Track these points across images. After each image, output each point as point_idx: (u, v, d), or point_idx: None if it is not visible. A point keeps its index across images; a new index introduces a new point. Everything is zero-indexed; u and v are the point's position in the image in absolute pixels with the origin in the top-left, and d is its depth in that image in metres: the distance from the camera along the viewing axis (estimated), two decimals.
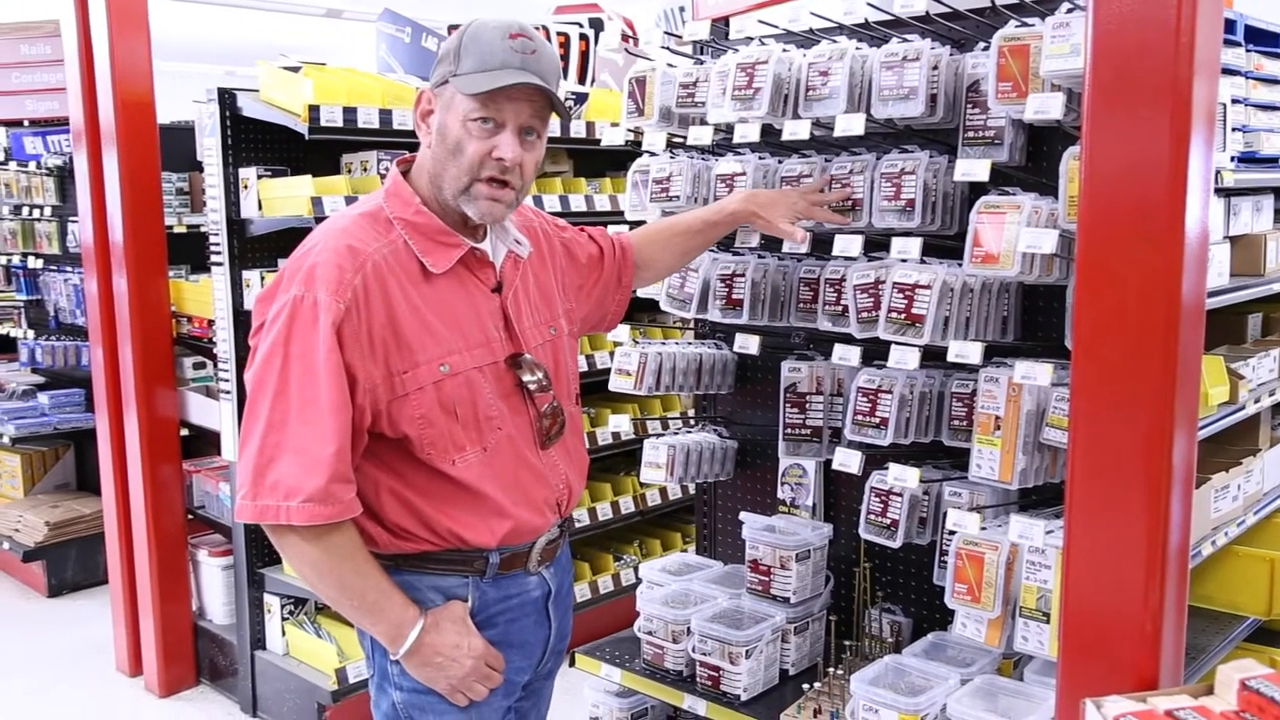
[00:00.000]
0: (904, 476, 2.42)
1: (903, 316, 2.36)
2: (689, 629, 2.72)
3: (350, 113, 3.63)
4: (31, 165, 5.55)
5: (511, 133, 1.84)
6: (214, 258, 3.87)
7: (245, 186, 3.78)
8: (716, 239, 2.58)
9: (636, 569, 4.58)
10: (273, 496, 1.74)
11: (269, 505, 1.75)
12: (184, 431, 4.41)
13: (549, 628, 2.09)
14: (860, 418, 2.49)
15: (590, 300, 2.31)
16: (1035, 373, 2.20)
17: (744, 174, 2.71)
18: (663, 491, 4.74)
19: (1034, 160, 2.48)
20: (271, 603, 3.96)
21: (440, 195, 1.90)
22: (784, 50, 2.58)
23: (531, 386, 1.96)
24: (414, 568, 1.92)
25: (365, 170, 3.91)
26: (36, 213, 5.56)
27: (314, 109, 3.53)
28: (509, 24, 1.85)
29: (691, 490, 4.51)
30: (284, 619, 3.95)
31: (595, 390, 4.46)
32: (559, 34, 4.90)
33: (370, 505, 1.87)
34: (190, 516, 4.40)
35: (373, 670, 2.02)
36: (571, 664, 2.96)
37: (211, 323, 4.05)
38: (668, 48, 2.97)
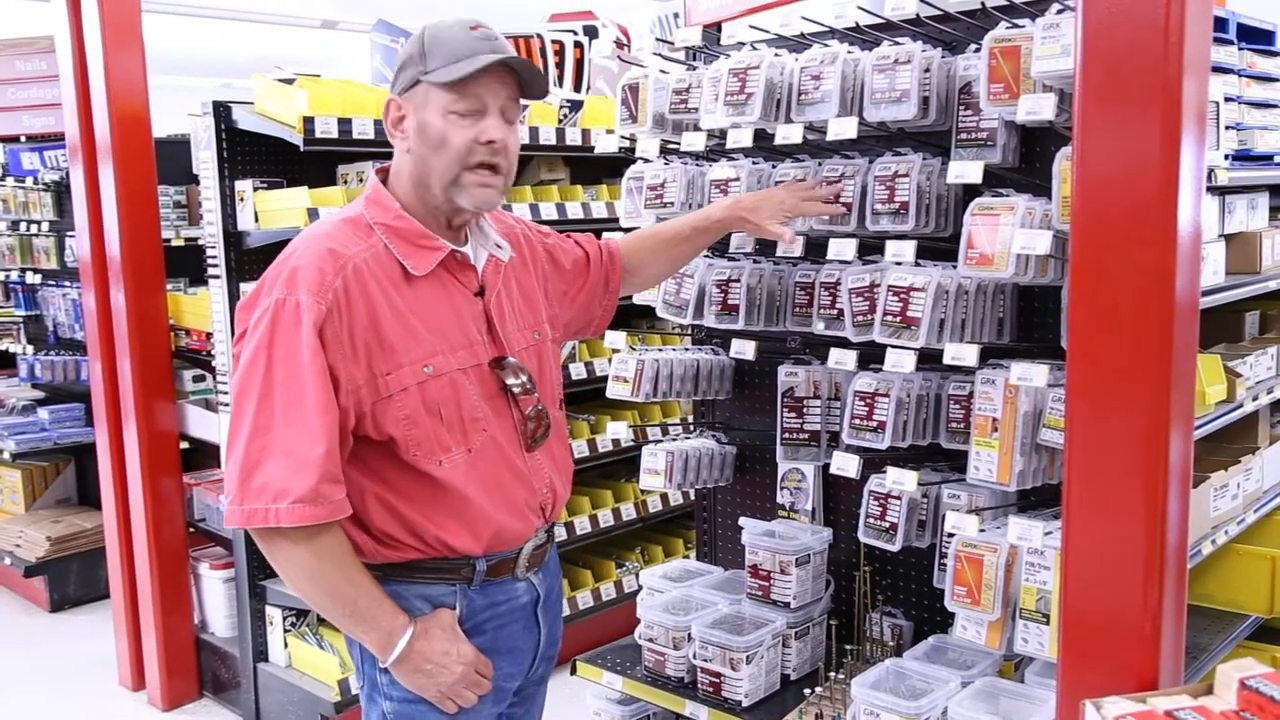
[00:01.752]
0: (902, 480, 2.41)
1: (898, 319, 2.36)
2: (690, 635, 2.71)
3: (345, 124, 3.64)
4: (28, 180, 5.55)
5: (495, 115, 1.88)
6: (211, 270, 3.87)
7: (241, 199, 3.78)
8: (705, 246, 2.58)
9: (639, 575, 4.58)
10: (261, 499, 1.74)
11: (257, 508, 1.75)
12: (184, 444, 4.41)
13: (538, 633, 2.09)
14: (858, 421, 2.49)
15: (575, 305, 2.31)
16: (1031, 374, 2.20)
17: (738, 179, 2.71)
18: (664, 498, 4.74)
19: (1027, 161, 2.48)
20: (273, 614, 3.95)
21: (427, 195, 1.91)
22: (776, 55, 2.59)
23: (515, 389, 1.96)
24: (401, 577, 1.92)
25: (361, 181, 3.91)
26: (34, 228, 5.57)
27: (309, 120, 3.54)
28: (465, 20, 1.88)
29: (691, 496, 4.52)
30: (286, 631, 3.95)
31: (594, 397, 4.46)
32: (554, 41, 4.91)
33: (357, 512, 1.87)
34: (191, 529, 4.40)
35: (362, 681, 2.02)
36: (573, 672, 2.95)
37: (210, 335, 4.05)
38: (660, 54, 2.97)
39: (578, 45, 5.01)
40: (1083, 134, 1.85)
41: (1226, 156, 2.70)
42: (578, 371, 4.34)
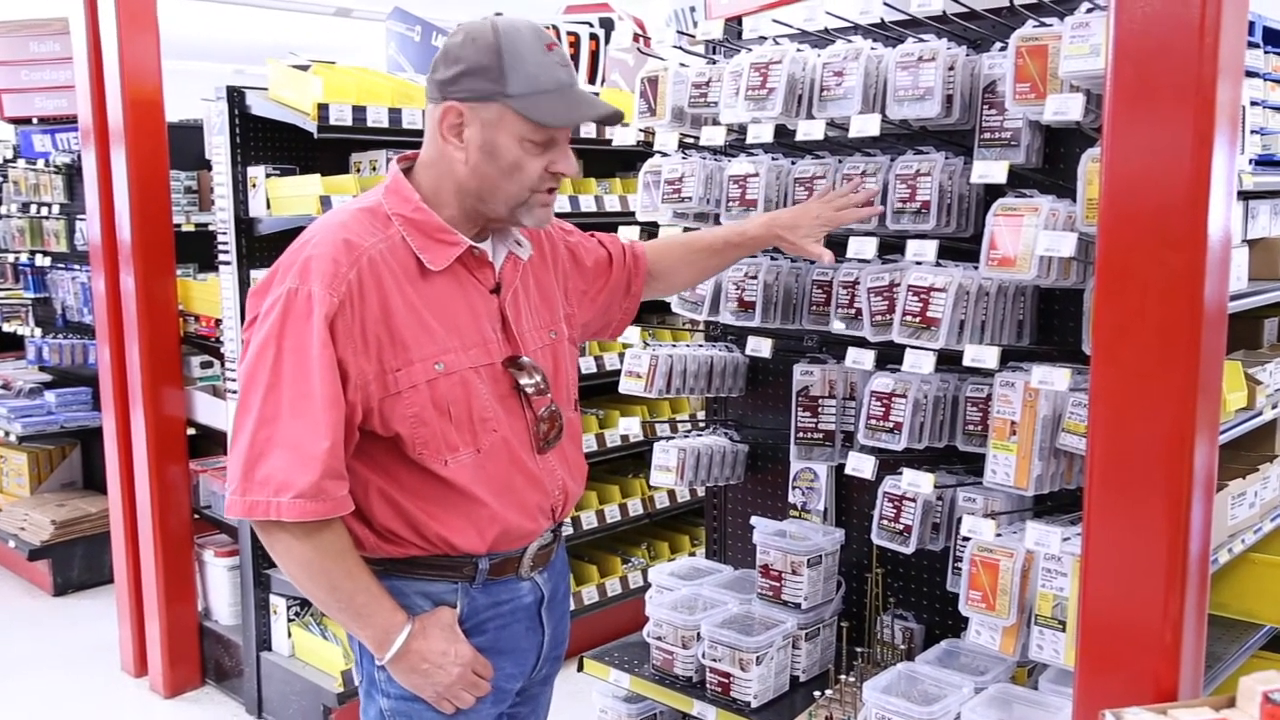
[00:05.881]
0: (918, 481, 2.39)
1: (917, 320, 2.34)
2: (699, 634, 2.69)
3: (359, 111, 3.61)
4: (40, 163, 5.54)
5: (565, 145, 1.87)
6: (222, 256, 3.86)
7: (254, 185, 3.76)
8: (735, 261, 2.54)
9: (644, 572, 4.56)
10: (263, 492, 1.71)
11: (259, 501, 1.72)
12: (190, 431, 4.40)
13: (542, 634, 2.05)
14: (874, 422, 2.47)
15: (595, 306, 2.27)
16: (1052, 377, 2.17)
17: (757, 175, 2.68)
18: (671, 494, 4.71)
19: (1050, 162, 2.45)
20: (277, 603, 3.94)
21: (481, 206, 1.87)
22: (798, 50, 2.56)
23: (529, 389, 1.93)
24: (402, 573, 1.89)
25: (374, 169, 3.89)
26: (44, 210, 5.55)
27: (323, 107, 3.51)
28: (536, 31, 1.82)
29: (701, 493, 4.51)
30: (290, 620, 3.94)
31: (604, 392, 4.44)
32: (569, 34, 4.88)
33: (359, 506, 1.84)
34: (196, 516, 4.39)
35: (361, 676, 2.00)
36: (580, 669, 2.94)
37: (219, 322, 4.04)
38: (680, 47, 2.95)
39: (593, 38, 4.98)
40: (1112, 135, 1.82)
41: (1250, 161, 2.68)
42: (587, 366, 4.32)
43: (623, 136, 2.96)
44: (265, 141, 3.87)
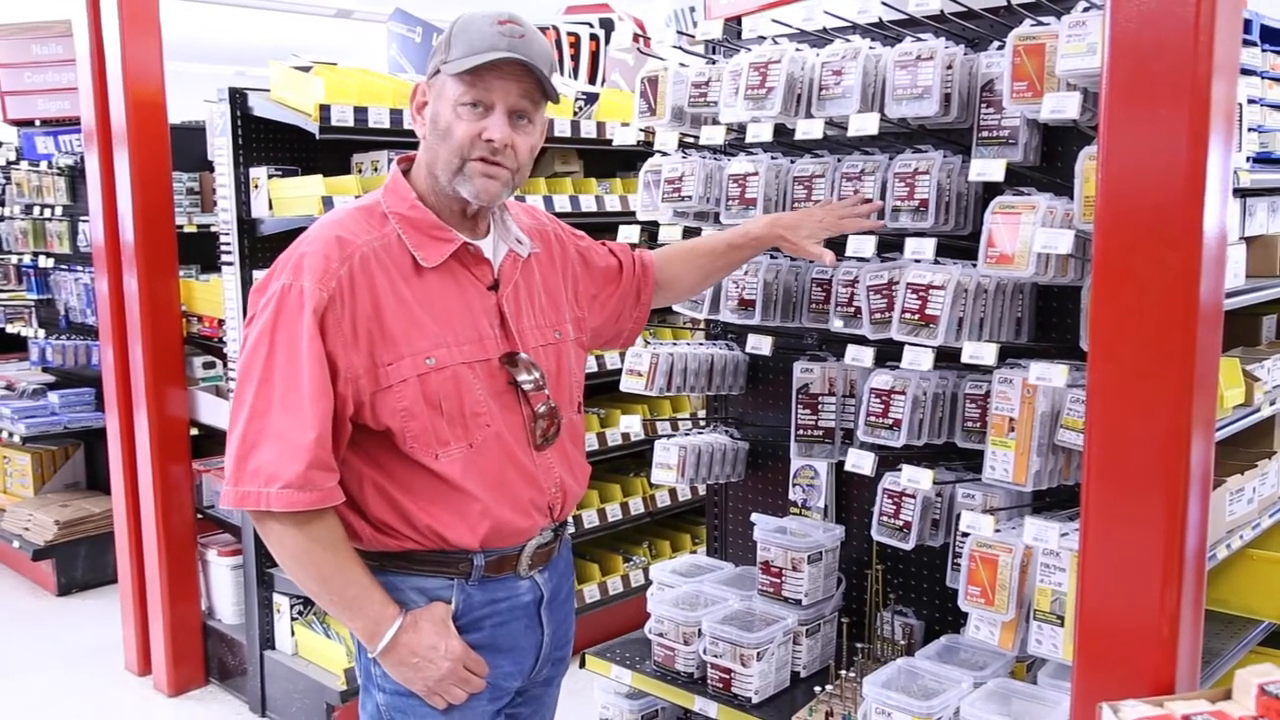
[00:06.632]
0: (917, 478, 2.40)
1: (916, 317, 2.35)
2: (700, 631, 2.71)
3: (361, 112, 3.63)
4: (43, 165, 5.56)
5: (500, 114, 1.85)
6: (224, 257, 3.87)
7: (256, 186, 3.78)
8: (741, 263, 2.56)
9: (645, 570, 4.57)
10: (253, 483, 1.75)
11: (249, 491, 1.75)
12: (193, 431, 4.41)
13: (541, 633, 2.05)
14: (873, 419, 2.48)
15: (605, 311, 2.28)
16: (1050, 374, 2.19)
17: (756, 174, 2.69)
18: (672, 493, 4.72)
19: (1048, 160, 2.47)
20: (281, 602, 3.96)
21: (437, 185, 1.90)
22: (797, 49, 2.58)
23: (526, 386, 1.94)
24: (398, 568, 1.91)
25: (376, 170, 3.90)
26: (48, 212, 5.57)
27: (325, 109, 3.53)
28: (498, 12, 1.86)
29: (702, 491, 4.52)
30: (293, 619, 3.95)
31: (605, 391, 4.45)
32: (569, 34, 4.89)
33: (354, 498, 1.87)
34: (200, 516, 4.40)
35: (360, 671, 2.01)
36: (582, 665, 2.95)
37: (222, 322, 4.05)
38: (680, 47, 2.96)
39: (593, 38, 4.99)
40: (1109, 133, 1.83)
41: (1248, 159, 2.69)
42: (587, 365, 4.32)
43: (623, 136, 2.98)
44: (267, 143, 3.89)
